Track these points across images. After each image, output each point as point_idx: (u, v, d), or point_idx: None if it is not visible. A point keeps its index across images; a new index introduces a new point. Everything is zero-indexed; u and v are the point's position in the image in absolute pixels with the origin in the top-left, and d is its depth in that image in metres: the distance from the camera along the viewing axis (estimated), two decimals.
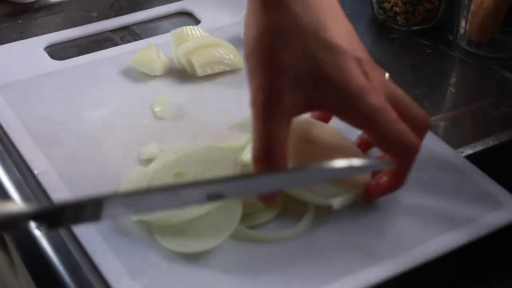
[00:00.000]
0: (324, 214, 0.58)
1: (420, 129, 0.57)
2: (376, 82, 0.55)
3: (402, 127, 0.55)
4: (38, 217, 0.42)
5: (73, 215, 0.43)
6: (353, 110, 0.54)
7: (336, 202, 0.57)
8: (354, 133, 0.63)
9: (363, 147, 0.63)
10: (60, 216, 0.43)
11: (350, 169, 0.53)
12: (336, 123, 0.63)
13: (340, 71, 0.53)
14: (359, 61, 0.55)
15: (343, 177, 0.56)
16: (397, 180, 0.57)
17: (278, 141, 0.53)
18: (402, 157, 0.56)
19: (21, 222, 0.42)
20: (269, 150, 0.53)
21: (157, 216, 0.55)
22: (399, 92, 0.58)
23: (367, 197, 0.59)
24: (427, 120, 0.58)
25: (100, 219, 0.44)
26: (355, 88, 0.53)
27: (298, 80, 0.54)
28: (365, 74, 0.55)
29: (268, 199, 0.55)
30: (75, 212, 0.43)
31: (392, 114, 0.55)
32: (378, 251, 0.55)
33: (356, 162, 0.53)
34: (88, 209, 0.43)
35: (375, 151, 0.63)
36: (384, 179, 0.58)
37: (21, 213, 0.41)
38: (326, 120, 0.65)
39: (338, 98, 0.54)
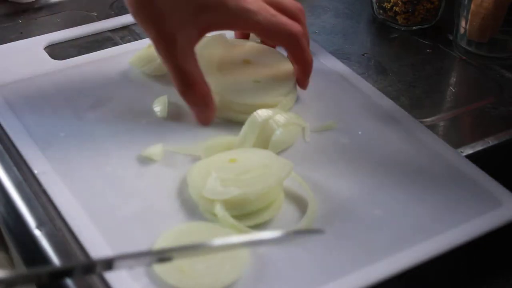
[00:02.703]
0: (324, 213, 0.59)
1: (296, 15, 0.68)
2: None
3: (282, 19, 0.66)
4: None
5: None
6: (238, 20, 0.65)
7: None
8: None
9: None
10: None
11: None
12: None
13: None
14: None
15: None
16: (304, 64, 0.69)
17: (190, 72, 0.65)
18: (290, 42, 0.67)
19: None
20: (187, 82, 0.65)
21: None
22: None
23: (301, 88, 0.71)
24: (297, 6, 0.69)
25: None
26: (232, 3, 0.64)
27: (182, 18, 0.63)
28: None
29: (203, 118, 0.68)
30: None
31: (270, 11, 0.65)
32: (377, 251, 0.55)
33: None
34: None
35: None
36: (296, 69, 0.70)
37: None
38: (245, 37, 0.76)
39: (222, 16, 0.64)
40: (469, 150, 0.68)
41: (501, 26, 0.81)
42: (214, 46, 0.72)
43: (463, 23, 0.82)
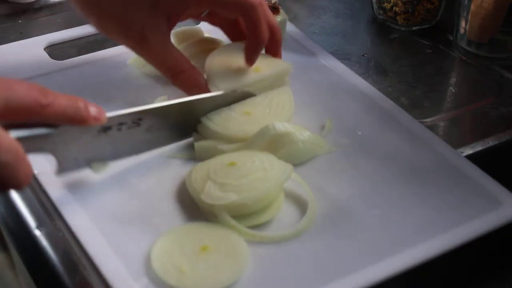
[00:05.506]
0: (324, 213, 0.59)
1: None
2: None
3: None
4: None
5: None
6: None
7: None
8: None
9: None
10: None
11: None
12: None
13: None
14: None
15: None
16: (256, 38, 0.67)
17: (173, 62, 0.66)
18: (245, 11, 0.66)
19: None
20: (174, 72, 0.66)
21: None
22: None
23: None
24: None
25: None
26: None
27: (143, 15, 0.64)
28: None
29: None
30: None
31: None
32: (378, 251, 0.55)
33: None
34: None
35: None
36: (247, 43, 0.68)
37: None
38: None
39: None
40: (469, 150, 0.68)
41: (501, 26, 0.81)
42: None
43: (463, 24, 0.82)
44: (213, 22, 0.73)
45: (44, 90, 0.51)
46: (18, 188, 0.49)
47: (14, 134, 0.50)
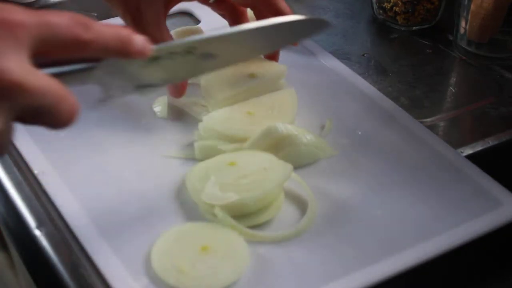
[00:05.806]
0: (324, 213, 0.59)
1: None
2: None
3: None
4: None
5: None
6: None
7: None
8: None
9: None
10: None
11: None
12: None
13: None
14: None
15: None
16: (286, 10, 0.67)
17: (163, 38, 0.64)
18: None
19: None
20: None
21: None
22: None
23: None
24: None
25: None
26: None
27: None
28: None
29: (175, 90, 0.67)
30: None
31: None
32: (377, 251, 0.55)
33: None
34: None
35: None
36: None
37: None
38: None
39: None
40: (469, 150, 0.68)
41: (501, 26, 0.81)
42: None
43: (463, 23, 0.82)
44: (220, 9, 0.72)
45: (86, 24, 0.46)
46: (66, 126, 0.46)
47: (52, 70, 0.47)
